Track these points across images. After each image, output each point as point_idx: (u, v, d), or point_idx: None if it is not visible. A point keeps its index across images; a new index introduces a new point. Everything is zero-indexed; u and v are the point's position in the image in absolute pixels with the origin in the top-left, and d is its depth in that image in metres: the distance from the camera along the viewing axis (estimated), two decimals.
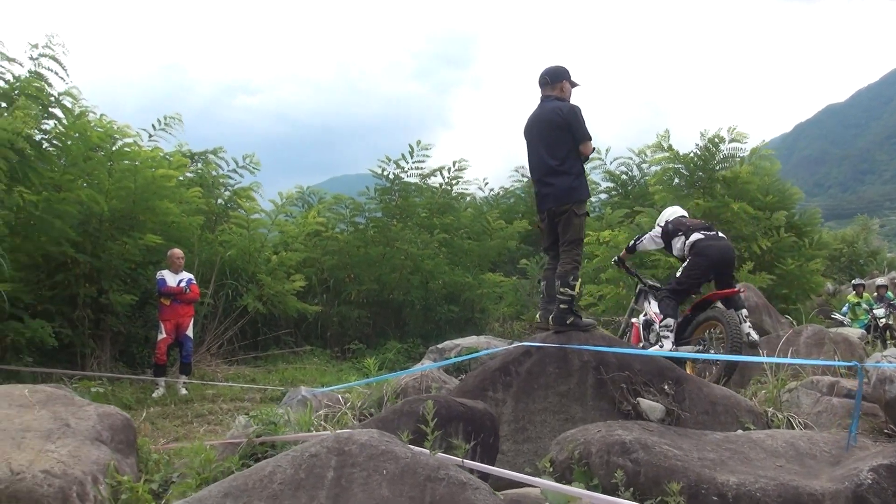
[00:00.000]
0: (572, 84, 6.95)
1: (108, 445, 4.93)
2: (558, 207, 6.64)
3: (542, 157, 6.71)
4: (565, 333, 6.24)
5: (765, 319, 11.03)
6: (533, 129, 6.83)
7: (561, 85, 6.86)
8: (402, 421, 4.59)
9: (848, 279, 29.28)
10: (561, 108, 6.71)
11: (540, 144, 6.73)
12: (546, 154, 6.67)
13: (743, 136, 16.14)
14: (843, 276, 32.13)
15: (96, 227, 12.41)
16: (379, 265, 17.49)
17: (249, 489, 3.28)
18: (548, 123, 6.71)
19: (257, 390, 11.60)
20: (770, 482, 4.15)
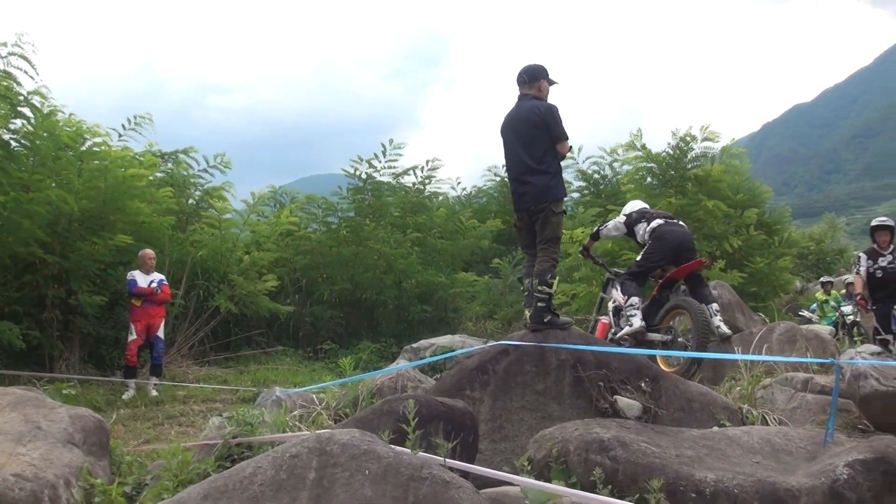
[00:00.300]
0: (550, 82, 6.94)
1: (81, 448, 4.87)
2: (536, 206, 6.62)
3: (519, 156, 6.70)
4: (542, 332, 6.23)
5: (738, 317, 11.10)
6: (510, 127, 6.82)
7: (539, 84, 6.86)
8: (381, 420, 4.55)
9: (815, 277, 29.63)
10: (538, 106, 6.69)
11: (517, 143, 6.71)
12: (523, 153, 6.66)
13: (715, 134, 16.28)
14: (810, 273, 32.53)
15: (65, 228, 12.25)
16: (352, 265, 17.42)
17: (229, 491, 3.24)
18: (525, 122, 6.69)
19: (229, 391, 11.51)
20: (747, 478, 4.17)
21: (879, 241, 10.89)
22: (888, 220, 11.16)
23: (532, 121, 6.65)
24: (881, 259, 10.73)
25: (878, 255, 10.80)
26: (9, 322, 10.82)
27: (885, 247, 10.82)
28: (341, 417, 6.67)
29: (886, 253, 10.75)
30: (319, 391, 7.71)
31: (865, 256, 10.99)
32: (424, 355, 9.46)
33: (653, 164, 16.78)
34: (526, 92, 6.85)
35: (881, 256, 10.75)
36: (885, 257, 10.72)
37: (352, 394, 7.01)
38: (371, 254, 17.24)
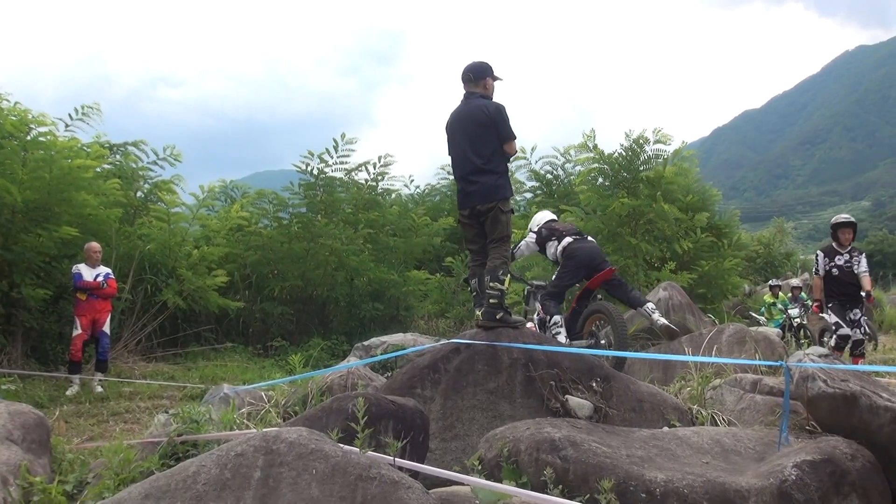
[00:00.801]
0: (495, 79, 6.95)
1: (20, 445, 4.75)
2: (483, 206, 6.62)
3: (466, 155, 6.67)
4: (494, 331, 6.21)
5: (688, 318, 11.21)
6: (457, 125, 6.77)
7: (485, 81, 6.86)
8: (330, 419, 4.48)
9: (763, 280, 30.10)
10: (487, 105, 6.68)
11: (465, 142, 6.68)
12: (471, 152, 6.64)
13: (667, 137, 16.41)
14: (758, 277, 33.01)
15: (8, 219, 11.96)
16: (303, 261, 17.28)
17: (172, 490, 3.15)
18: (474, 121, 6.66)
19: (176, 388, 11.35)
20: (697, 479, 4.18)
21: (841, 237, 10.79)
22: (850, 217, 11.09)
23: (480, 120, 6.63)
24: (837, 258, 10.66)
25: (836, 253, 10.73)
26: None
27: (846, 244, 10.75)
28: (291, 415, 6.59)
29: (844, 252, 10.68)
30: (269, 389, 7.61)
31: (823, 255, 10.90)
32: (375, 353, 9.39)
33: (605, 166, 16.87)
34: (472, 90, 6.82)
35: (838, 255, 10.69)
36: (841, 256, 10.66)
37: (301, 392, 6.93)
38: (322, 250, 17.10)
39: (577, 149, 18.62)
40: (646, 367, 8.58)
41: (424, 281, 18.77)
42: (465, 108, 6.78)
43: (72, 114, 14.81)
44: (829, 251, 10.87)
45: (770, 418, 5.80)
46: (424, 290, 18.83)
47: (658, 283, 13.85)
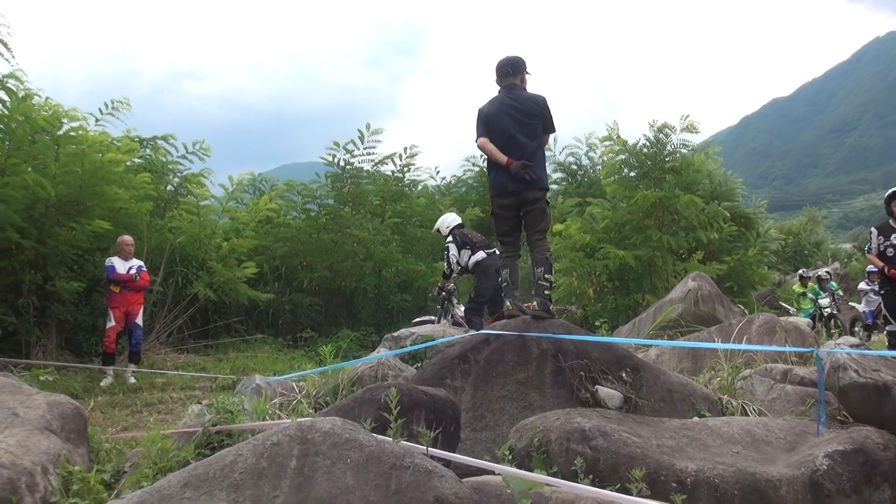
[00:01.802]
0: (527, 73, 7.06)
1: (59, 435, 4.81)
2: (533, 194, 6.70)
3: (521, 143, 6.72)
4: (523, 321, 6.23)
5: (717, 308, 11.14)
6: (504, 115, 6.76)
7: (521, 75, 6.96)
8: (363, 409, 4.53)
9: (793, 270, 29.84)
10: (537, 98, 6.83)
11: (516, 131, 6.72)
12: (525, 140, 6.71)
13: (694, 125, 16.26)
14: (787, 266, 32.73)
15: (42, 213, 12.12)
16: (331, 252, 17.37)
17: (210, 479, 3.21)
18: (525, 112, 6.75)
19: (208, 379, 11.46)
20: (728, 468, 4.19)
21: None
22: None
23: (532, 111, 6.76)
24: (893, 236, 9.60)
25: (892, 230, 9.66)
26: None
27: None
28: (321, 406, 6.64)
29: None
30: (299, 379, 7.68)
31: (877, 232, 9.84)
32: (405, 344, 9.41)
33: (630, 157, 16.78)
34: (512, 82, 6.87)
35: (894, 233, 9.63)
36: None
37: (332, 382, 6.98)
38: (350, 241, 17.18)
39: (603, 140, 18.55)
40: (675, 358, 8.54)
41: None
42: (513, 99, 6.82)
43: (101, 108, 14.99)
44: (884, 228, 9.81)
45: (801, 408, 5.78)
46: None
47: (686, 273, 13.79)
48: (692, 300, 11.18)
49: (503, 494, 3.84)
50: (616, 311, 15.28)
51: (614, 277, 15.68)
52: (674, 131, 16.41)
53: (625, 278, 15.52)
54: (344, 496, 3.06)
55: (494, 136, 6.77)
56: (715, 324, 9.92)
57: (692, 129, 16.31)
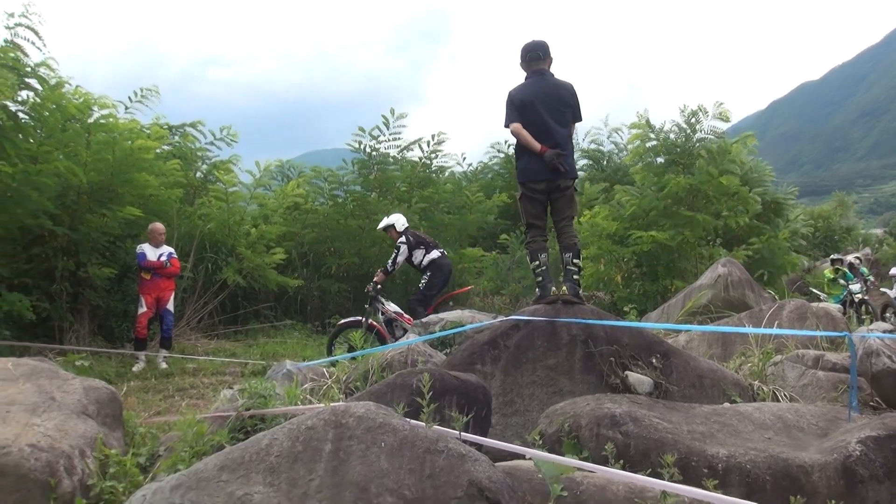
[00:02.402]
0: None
1: (95, 419, 4.89)
2: (564, 182, 6.69)
3: (552, 128, 6.69)
4: (553, 307, 6.24)
5: (747, 294, 11.07)
6: (537, 100, 6.70)
7: (550, 60, 6.92)
8: (395, 394, 4.57)
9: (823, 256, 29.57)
10: (569, 87, 6.82)
11: (549, 118, 6.69)
12: (557, 128, 6.70)
13: (727, 113, 16.11)
14: (817, 252, 32.45)
15: (74, 200, 12.25)
16: (358, 238, 17.42)
17: (246, 462, 3.25)
18: (558, 100, 6.74)
19: (238, 364, 11.57)
20: (759, 454, 4.18)
21: None
22: None
23: (565, 99, 6.76)
24: None
25: None
26: (19, 294, 10.84)
27: None
28: (352, 391, 6.69)
29: None
30: (329, 365, 7.73)
31: None
32: (434, 330, 9.43)
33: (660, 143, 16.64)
34: (542, 67, 6.83)
35: None
36: None
37: (362, 368, 7.02)
38: (377, 227, 17.21)
39: (631, 127, 18.42)
40: (704, 344, 8.52)
41: (479, 258, 18.80)
42: (544, 84, 6.77)
43: (131, 96, 15.10)
44: None
45: (833, 394, 5.76)
46: (479, 267, 18.87)
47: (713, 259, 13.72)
48: (722, 286, 11.12)
49: (534, 479, 3.86)
50: (644, 296, 15.21)
51: (643, 263, 15.61)
52: (706, 116, 16.26)
53: (653, 264, 15.44)
54: (378, 479, 3.10)
55: (528, 122, 6.69)
56: (745, 310, 9.88)
57: (724, 118, 16.15)
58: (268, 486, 3.15)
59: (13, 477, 4.05)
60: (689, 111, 16.20)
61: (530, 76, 6.84)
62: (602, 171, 23.20)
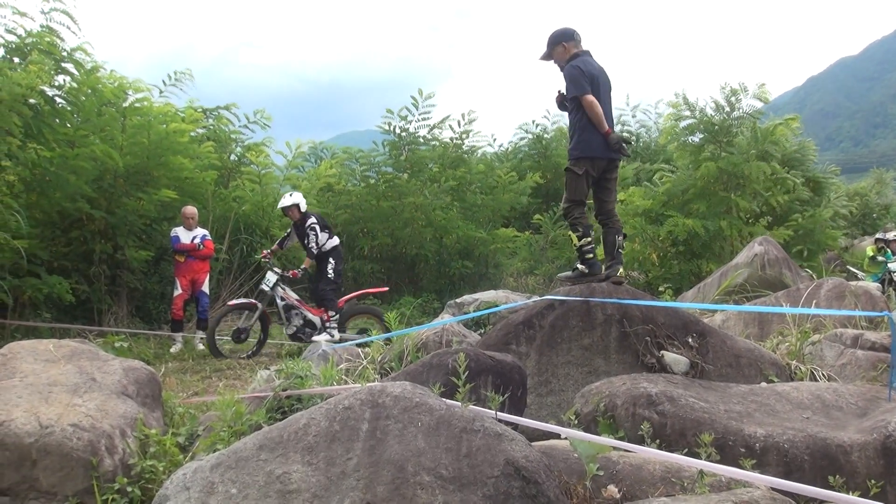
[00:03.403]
0: None
1: (135, 399, 4.96)
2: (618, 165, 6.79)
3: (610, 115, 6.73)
4: (588, 286, 6.22)
5: (784, 272, 10.95)
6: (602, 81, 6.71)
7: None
8: (431, 374, 4.59)
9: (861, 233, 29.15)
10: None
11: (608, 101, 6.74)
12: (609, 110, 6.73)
13: (765, 94, 15.87)
14: (855, 230, 32.01)
15: (111, 183, 12.39)
16: (391, 219, 17.45)
17: (285, 441, 3.28)
18: (608, 83, 6.78)
19: (273, 345, 11.66)
20: (798, 434, 4.15)
21: None
22: None
23: (610, 83, 6.80)
24: None
25: None
26: (58, 276, 11.00)
27: None
28: (387, 371, 6.73)
29: None
30: (364, 345, 7.78)
31: None
32: (468, 310, 9.47)
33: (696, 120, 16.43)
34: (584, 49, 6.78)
35: None
36: None
37: (397, 348, 7.06)
38: (409, 208, 17.23)
39: (668, 105, 18.21)
40: (741, 323, 8.45)
41: (513, 238, 18.77)
42: (599, 67, 6.75)
43: (165, 80, 15.20)
44: None
45: (872, 374, 5.70)
46: (513, 247, 18.83)
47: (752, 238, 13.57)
48: (758, 265, 11.01)
49: (570, 458, 3.87)
50: (680, 276, 15.11)
51: (678, 243, 15.48)
52: (745, 95, 16.01)
53: (690, 244, 15.31)
54: (415, 459, 3.11)
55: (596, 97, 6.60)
56: (782, 289, 9.78)
57: (764, 99, 15.91)
58: (306, 465, 3.18)
59: (56, 456, 4.12)
60: (728, 88, 15.97)
61: (583, 55, 6.75)
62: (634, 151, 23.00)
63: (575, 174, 6.59)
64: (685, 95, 16.34)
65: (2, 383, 4.66)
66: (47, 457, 4.13)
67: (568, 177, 6.69)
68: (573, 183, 6.65)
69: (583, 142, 6.58)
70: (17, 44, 10.95)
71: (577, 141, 6.63)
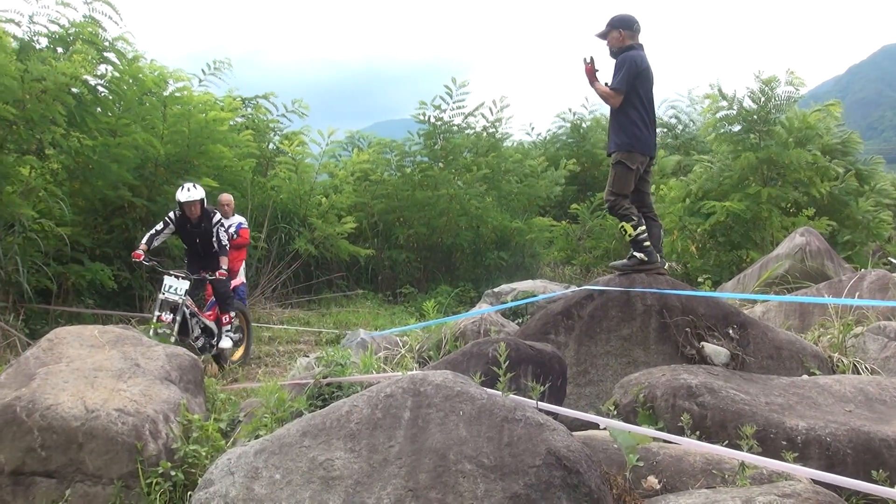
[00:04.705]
0: None
1: (177, 385, 5.03)
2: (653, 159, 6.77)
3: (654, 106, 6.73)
4: (628, 277, 6.19)
5: (826, 264, 10.81)
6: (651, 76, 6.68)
7: None
8: (471, 363, 4.61)
9: None
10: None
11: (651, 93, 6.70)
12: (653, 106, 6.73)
13: (799, 80, 15.64)
14: None
15: (152, 172, 12.52)
16: (427, 208, 17.43)
17: (327, 428, 3.32)
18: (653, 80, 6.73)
19: (312, 333, 11.74)
20: (840, 427, 4.12)
21: None
22: None
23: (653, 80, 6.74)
24: None
25: None
26: (101, 263, 11.15)
27: None
28: (425, 360, 6.76)
29: None
30: (402, 334, 7.81)
31: None
32: (506, 300, 9.48)
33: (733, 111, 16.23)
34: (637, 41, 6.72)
35: None
36: None
37: (435, 337, 7.09)
38: (444, 197, 17.20)
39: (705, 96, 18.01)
40: (781, 315, 8.37)
41: (549, 228, 18.68)
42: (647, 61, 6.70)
43: (204, 69, 15.31)
44: None
45: None
46: (549, 237, 18.76)
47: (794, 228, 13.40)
48: (800, 256, 10.88)
49: (609, 449, 3.87)
50: (719, 267, 14.97)
51: (717, 233, 15.33)
52: (779, 83, 15.80)
53: (729, 234, 15.16)
54: (457, 447, 3.13)
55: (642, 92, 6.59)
56: (824, 280, 9.66)
57: (796, 84, 15.68)
58: (348, 451, 3.21)
59: (102, 440, 4.20)
60: (763, 77, 15.76)
61: (637, 48, 6.70)
62: (676, 140, 22.80)
63: (628, 168, 6.50)
64: (720, 87, 16.15)
65: (49, 368, 4.75)
66: (93, 440, 4.21)
67: (618, 170, 6.57)
68: (623, 177, 6.55)
69: (635, 136, 6.52)
70: (61, 34, 11.08)
71: (630, 135, 6.54)
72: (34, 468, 4.20)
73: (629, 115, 6.53)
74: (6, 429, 4.24)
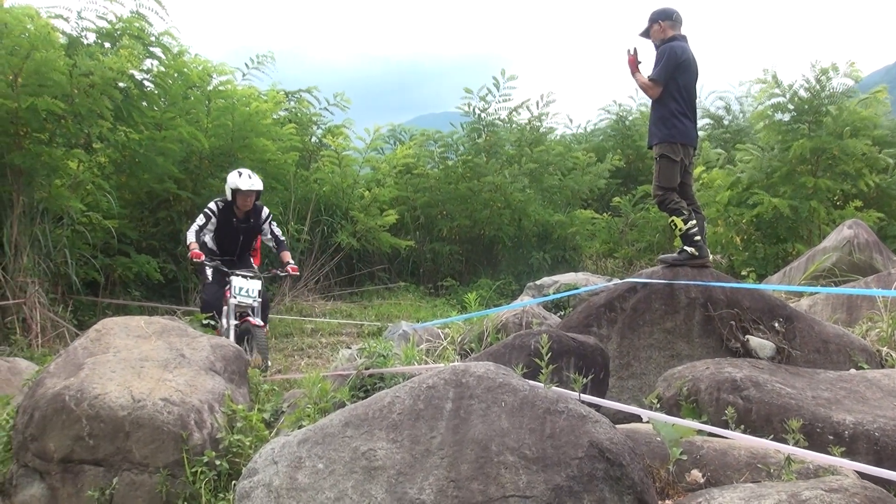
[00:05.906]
0: None
1: (222, 375, 5.08)
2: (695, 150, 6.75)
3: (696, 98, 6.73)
4: (672, 269, 6.15)
5: (875, 257, 10.61)
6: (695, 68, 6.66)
7: None
8: (513, 354, 4.61)
9: None
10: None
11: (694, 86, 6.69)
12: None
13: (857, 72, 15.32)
14: None
15: (197, 165, 12.67)
16: (469, 201, 17.41)
17: (370, 419, 3.34)
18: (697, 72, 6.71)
19: (354, 325, 11.79)
20: (889, 422, 4.06)
21: None
22: None
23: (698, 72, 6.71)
24: None
25: None
26: (147, 256, 11.32)
27: None
28: (467, 352, 6.77)
29: None
30: (444, 326, 7.82)
31: None
32: (548, 292, 9.44)
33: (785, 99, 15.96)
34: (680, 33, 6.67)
35: None
36: None
37: (476, 329, 7.09)
38: (486, 189, 17.16)
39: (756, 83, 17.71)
40: (828, 308, 8.25)
41: (592, 220, 18.56)
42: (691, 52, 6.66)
43: (248, 63, 15.44)
44: None
45: None
46: (592, 230, 18.64)
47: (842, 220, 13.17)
48: (847, 248, 10.69)
49: (652, 442, 3.85)
50: (764, 260, 14.76)
51: (763, 226, 15.11)
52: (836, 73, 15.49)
53: (775, 227, 14.94)
54: (499, 438, 3.13)
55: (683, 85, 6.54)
56: (872, 273, 9.50)
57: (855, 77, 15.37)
58: (391, 442, 3.23)
59: (148, 429, 4.27)
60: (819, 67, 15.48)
61: (681, 39, 6.64)
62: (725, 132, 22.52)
63: (672, 161, 6.45)
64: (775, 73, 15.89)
65: (97, 357, 4.83)
66: (140, 429, 4.27)
67: (663, 163, 6.51)
68: (668, 170, 6.50)
69: (675, 128, 6.49)
70: (108, 29, 11.25)
71: (670, 126, 6.51)
72: (82, 456, 4.28)
73: (669, 106, 6.49)
74: (55, 417, 4.32)
